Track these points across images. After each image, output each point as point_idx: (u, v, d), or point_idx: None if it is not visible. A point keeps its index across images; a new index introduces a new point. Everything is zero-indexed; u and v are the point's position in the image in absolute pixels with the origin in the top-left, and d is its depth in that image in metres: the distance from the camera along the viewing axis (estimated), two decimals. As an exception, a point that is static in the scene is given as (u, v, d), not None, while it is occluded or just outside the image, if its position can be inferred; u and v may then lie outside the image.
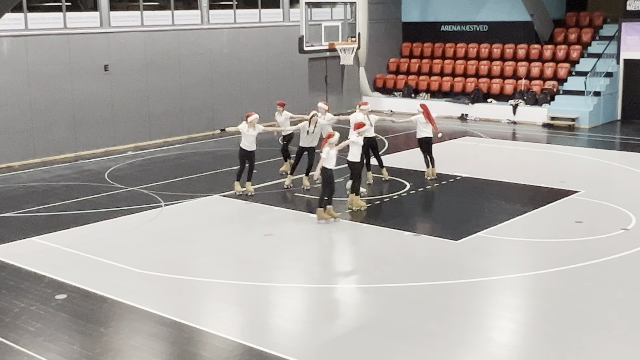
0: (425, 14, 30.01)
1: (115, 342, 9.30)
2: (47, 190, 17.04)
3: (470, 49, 29.00)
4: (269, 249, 12.79)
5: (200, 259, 12.27)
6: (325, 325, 9.75)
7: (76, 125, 20.92)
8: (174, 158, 20.55)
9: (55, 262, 12.16)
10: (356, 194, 14.94)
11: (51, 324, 9.81)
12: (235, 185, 16.11)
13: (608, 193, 16.01)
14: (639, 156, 19.82)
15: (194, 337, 9.38)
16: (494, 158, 20.59)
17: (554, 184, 16.63)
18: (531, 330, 9.58)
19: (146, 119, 22.47)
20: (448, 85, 28.45)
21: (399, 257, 12.37)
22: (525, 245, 12.78)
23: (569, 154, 20.67)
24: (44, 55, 20.18)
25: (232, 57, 24.37)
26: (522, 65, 27.41)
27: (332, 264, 12.30)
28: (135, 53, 22.07)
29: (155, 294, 10.81)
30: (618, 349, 8.90)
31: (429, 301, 10.41)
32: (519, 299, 10.63)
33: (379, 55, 29.72)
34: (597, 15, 27.44)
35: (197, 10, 23.69)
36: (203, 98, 23.84)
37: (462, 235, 13.16)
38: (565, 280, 11.05)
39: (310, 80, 27.06)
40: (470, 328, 9.52)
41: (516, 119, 25.75)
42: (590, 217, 14.21)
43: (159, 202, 15.71)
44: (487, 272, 11.46)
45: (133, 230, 13.89)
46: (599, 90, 24.91)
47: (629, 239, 12.84)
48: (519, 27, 27.72)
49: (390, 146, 21.36)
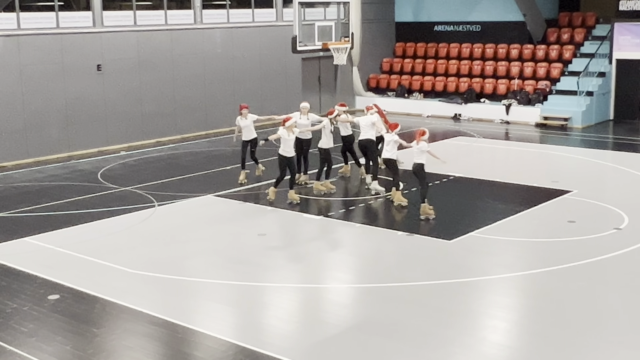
0: (419, 14, 30.04)
1: (108, 343, 9.28)
2: (40, 190, 17.00)
3: (464, 48, 29.04)
4: (263, 249, 12.78)
5: (193, 259, 12.26)
6: (319, 325, 9.75)
7: (69, 125, 20.87)
8: (167, 158, 20.52)
9: (48, 262, 12.13)
10: (397, 188, 15.18)
11: (44, 324, 9.78)
12: (290, 193, 15.34)
13: (601, 193, 16.06)
14: (631, 156, 19.90)
15: (187, 337, 9.37)
16: (487, 158, 20.63)
17: (547, 184, 16.66)
18: (524, 329, 9.60)
19: (139, 119, 22.44)
20: (441, 85, 28.49)
21: (392, 256, 12.38)
22: (518, 244, 12.80)
23: (562, 153, 20.72)
24: (36, 54, 20.12)
25: (225, 57, 24.37)
26: (515, 65, 27.46)
27: (325, 264, 12.29)
28: (128, 53, 22.03)
29: (149, 294, 10.79)
30: (610, 348, 8.93)
31: (423, 301, 10.42)
32: (512, 299, 10.65)
33: (372, 55, 29.74)
34: (590, 15, 27.52)
35: (190, 10, 23.66)
36: (196, 98, 23.81)
37: (456, 235, 13.18)
38: (558, 279, 11.08)
39: (304, 80, 27.06)
40: (464, 327, 9.53)
41: (509, 119, 25.80)
42: (583, 216, 14.25)
43: (152, 202, 15.68)
44: (480, 271, 11.48)
45: (126, 231, 13.87)
46: (591, 90, 24.98)
47: (621, 238, 12.88)
48: (511, 27, 27.79)
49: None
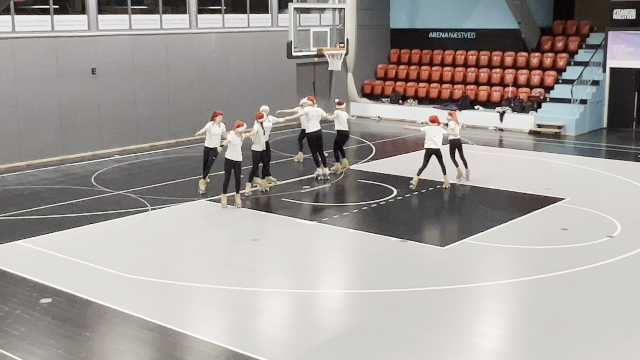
0: (414, 20, 30.12)
1: (100, 347, 9.25)
2: (33, 193, 16.96)
3: (458, 56, 29.12)
4: (256, 254, 12.77)
5: (186, 263, 12.24)
6: (311, 330, 9.75)
7: (63, 128, 20.84)
8: (160, 162, 20.50)
9: (41, 265, 12.09)
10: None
11: (36, 328, 9.75)
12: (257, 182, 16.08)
13: (594, 200, 16.10)
14: (624, 164, 19.96)
15: (180, 341, 9.35)
16: (481, 165, 20.65)
17: (540, 191, 16.70)
18: (517, 336, 9.61)
19: (133, 123, 22.42)
20: (436, 92, 28.54)
21: (385, 263, 12.38)
22: (511, 251, 12.82)
23: (556, 161, 20.77)
24: (31, 58, 20.10)
25: (220, 62, 24.37)
26: (510, 73, 27.54)
27: (318, 269, 12.29)
28: (123, 57, 22.02)
29: (141, 298, 10.77)
30: (602, 355, 8.94)
31: (415, 307, 10.42)
32: (505, 305, 10.66)
33: (367, 61, 29.79)
34: (584, 23, 27.63)
35: (185, 14, 23.66)
36: (190, 102, 23.80)
37: (449, 242, 13.20)
38: (551, 286, 11.10)
39: (298, 86, 27.08)
40: (456, 334, 9.54)
41: (503, 126, 25.86)
42: (576, 224, 14.28)
43: (145, 206, 15.66)
44: (473, 278, 11.49)
45: (119, 234, 13.84)
46: (585, 98, 25.06)
47: (613, 246, 12.92)
48: (506, 34, 27.88)
49: (378, 152, 21.39)
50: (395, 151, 21.49)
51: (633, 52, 24.84)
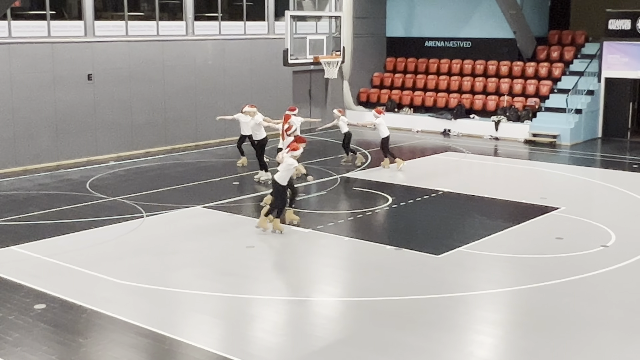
0: (410, 29, 30.20)
1: (94, 353, 9.23)
2: (28, 199, 16.94)
3: (454, 64, 29.19)
4: (251, 261, 12.77)
5: (181, 270, 12.23)
6: (306, 338, 9.74)
7: (58, 134, 20.82)
8: (156, 168, 20.49)
9: (35, 271, 12.07)
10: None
11: (30, 334, 9.73)
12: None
13: (588, 210, 16.14)
14: (619, 174, 20.02)
15: (174, 348, 9.34)
16: (476, 173, 20.70)
17: (535, 200, 16.73)
18: (511, 345, 9.62)
19: (129, 129, 22.41)
20: (431, 101, 28.60)
21: (380, 271, 12.38)
22: (506, 260, 12.84)
23: (550, 170, 20.82)
24: (27, 63, 20.08)
25: (216, 69, 24.39)
26: (505, 82, 27.62)
27: (313, 277, 12.29)
28: (119, 63, 22.02)
29: (136, 305, 10.75)
30: (596, 365, 8.97)
31: (410, 315, 10.42)
32: (499, 314, 10.67)
33: (363, 69, 29.84)
34: (579, 33, 27.74)
35: (182, 21, 23.69)
36: (186, 109, 23.81)
37: (444, 250, 13.20)
38: (545, 295, 11.11)
39: (294, 93, 27.10)
40: (451, 343, 9.54)
41: (498, 135, 25.92)
42: (571, 233, 14.31)
43: (140, 212, 15.65)
44: (468, 287, 11.50)
45: (114, 241, 13.83)
46: (580, 108, 25.14)
47: (608, 255, 12.94)
48: (502, 44, 27.96)
49: (373, 160, 21.40)
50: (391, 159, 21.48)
51: (628, 63, 24.93)
